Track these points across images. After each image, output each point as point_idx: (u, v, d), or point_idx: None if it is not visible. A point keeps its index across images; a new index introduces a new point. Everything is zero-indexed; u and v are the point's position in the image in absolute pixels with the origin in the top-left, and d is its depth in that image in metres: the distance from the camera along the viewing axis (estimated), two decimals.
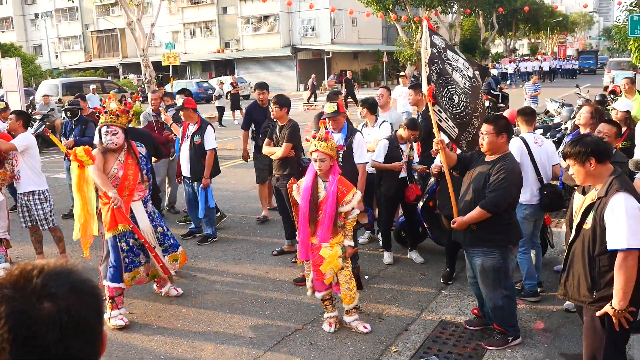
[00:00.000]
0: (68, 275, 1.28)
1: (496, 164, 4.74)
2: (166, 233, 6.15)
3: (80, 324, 1.24)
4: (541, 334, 5.23)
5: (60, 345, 1.21)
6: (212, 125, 8.18)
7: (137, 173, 5.85)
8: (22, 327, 1.19)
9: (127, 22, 24.71)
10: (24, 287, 1.22)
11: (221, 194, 10.44)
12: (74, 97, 11.29)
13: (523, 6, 52.91)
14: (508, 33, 66.13)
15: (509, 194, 4.71)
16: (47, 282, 1.23)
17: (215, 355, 5.06)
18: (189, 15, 55.12)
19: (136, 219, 5.83)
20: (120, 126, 5.78)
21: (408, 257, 7.27)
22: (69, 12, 62.27)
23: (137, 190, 5.87)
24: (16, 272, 1.26)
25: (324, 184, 5.21)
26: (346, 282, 5.27)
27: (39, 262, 1.29)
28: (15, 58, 18.45)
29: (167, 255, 6.07)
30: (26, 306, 1.20)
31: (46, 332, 1.19)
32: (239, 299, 6.23)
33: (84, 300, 1.26)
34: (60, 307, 1.21)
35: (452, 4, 45.71)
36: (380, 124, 7.63)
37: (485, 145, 4.82)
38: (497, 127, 4.77)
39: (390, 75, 50.88)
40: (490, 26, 58.55)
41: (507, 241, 4.85)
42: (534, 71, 41.57)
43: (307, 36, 50.62)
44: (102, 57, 60.03)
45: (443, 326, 5.44)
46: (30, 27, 65.91)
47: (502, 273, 4.85)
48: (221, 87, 24.75)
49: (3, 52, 34.21)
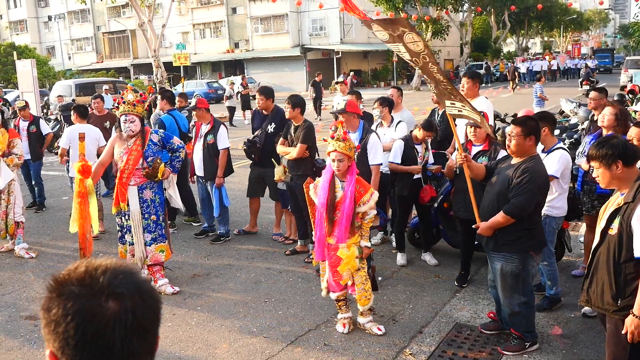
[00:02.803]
0: (132, 275, 1.28)
1: (521, 167, 4.60)
2: (159, 223, 6.46)
3: (143, 324, 1.25)
4: (559, 340, 5.15)
5: (123, 345, 1.21)
6: (225, 125, 8.20)
7: (138, 159, 6.28)
8: (89, 325, 1.19)
9: (139, 24, 24.84)
10: (91, 285, 1.23)
11: (233, 193, 10.44)
12: (92, 97, 11.38)
13: (536, 4, 52.40)
14: (520, 31, 65.71)
15: (534, 197, 4.56)
16: (112, 282, 1.24)
17: (230, 354, 5.05)
18: (199, 16, 55.26)
19: (129, 202, 6.33)
20: (137, 115, 6.28)
21: (422, 259, 7.22)
22: (81, 14, 62.78)
23: (135, 176, 6.30)
24: (81, 268, 1.27)
25: (341, 184, 5.18)
26: (362, 283, 5.24)
27: (102, 261, 1.29)
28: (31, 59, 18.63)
29: (153, 245, 6.41)
30: (93, 305, 1.20)
31: (112, 332, 1.20)
32: (252, 299, 6.23)
33: (146, 301, 1.27)
34: (126, 307, 1.22)
35: (463, 2, 45.57)
36: (396, 124, 7.59)
37: (512, 147, 4.67)
38: (526, 129, 4.62)
39: (400, 75, 50.76)
40: (502, 24, 58.22)
41: (528, 247, 4.71)
42: (542, 71, 41.23)
43: (317, 36, 50.61)
44: (113, 58, 60.40)
45: (458, 329, 5.38)
46: (43, 29, 66.54)
47: (521, 279, 4.74)
48: (232, 87, 24.82)
49: (18, 54, 34.42)
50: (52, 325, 1.22)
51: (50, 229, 9.18)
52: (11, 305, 6.22)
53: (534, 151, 4.74)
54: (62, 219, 9.52)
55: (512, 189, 4.58)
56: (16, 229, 7.80)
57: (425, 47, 5.18)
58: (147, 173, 6.30)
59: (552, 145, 5.57)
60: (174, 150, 6.55)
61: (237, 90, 25.48)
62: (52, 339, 1.22)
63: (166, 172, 6.44)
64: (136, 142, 6.33)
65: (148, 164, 6.32)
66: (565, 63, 51.32)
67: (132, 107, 6.28)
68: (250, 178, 8.34)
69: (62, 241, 8.51)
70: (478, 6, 48.44)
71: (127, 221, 6.41)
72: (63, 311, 1.20)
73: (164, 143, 6.51)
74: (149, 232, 6.39)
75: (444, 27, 42.77)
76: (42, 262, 7.58)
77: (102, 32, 61.42)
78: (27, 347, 5.27)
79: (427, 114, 8.85)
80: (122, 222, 6.46)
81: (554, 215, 5.51)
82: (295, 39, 50.74)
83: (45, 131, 10.58)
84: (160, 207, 6.49)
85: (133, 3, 24.42)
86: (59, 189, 12.07)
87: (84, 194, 6.15)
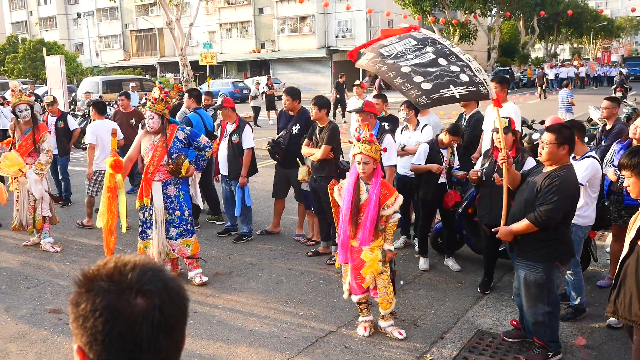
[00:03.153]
0: (160, 273, 1.29)
1: (551, 175, 4.50)
2: (184, 218, 6.55)
3: (170, 322, 1.25)
4: (583, 350, 5.07)
5: (150, 342, 1.22)
6: (250, 125, 8.23)
7: (162, 156, 6.39)
8: (117, 321, 1.20)
9: (167, 22, 25.04)
10: (119, 281, 1.23)
11: (257, 193, 10.48)
12: (118, 94, 11.52)
13: (566, 9, 51.80)
14: (549, 37, 65.01)
15: (561, 207, 4.44)
16: (141, 278, 1.24)
17: (250, 354, 5.06)
18: (226, 16, 55.57)
19: (153, 197, 6.45)
20: (156, 112, 6.38)
21: (444, 264, 7.17)
22: (109, 12, 63.61)
23: (160, 171, 6.42)
24: (110, 264, 1.27)
25: (366, 187, 5.16)
26: (384, 287, 5.22)
27: (131, 257, 1.30)
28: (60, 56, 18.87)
29: (180, 239, 6.52)
30: (122, 301, 1.21)
31: (139, 328, 1.20)
32: (273, 299, 6.24)
33: (174, 300, 1.27)
34: (154, 304, 1.22)
35: (492, 7, 45.18)
36: (422, 128, 7.55)
37: (544, 155, 4.57)
38: (560, 138, 4.50)
39: None
40: (531, 30, 57.66)
41: (553, 257, 4.62)
42: (569, 77, 40.66)
43: (343, 37, 50.58)
44: (140, 56, 61.04)
45: (480, 336, 5.33)
46: (72, 26, 67.53)
47: (545, 289, 4.65)
48: (257, 87, 24.91)
49: (47, 50, 34.93)
50: (81, 320, 1.22)
51: (75, 224, 9.28)
52: (36, 299, 6.31)
53: (567, 160, 4.63)
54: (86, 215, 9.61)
55: (540, 197, 4.49)
56: (43, 223, 7.91)
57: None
58: (171, 169, 6.38)
59: (583, 153, 5.49)
60: (200, 148, 6.61)
61: (262, 91, 25.57)
62: (80, 334, 1.23)
63: (190, 169, 6.51)
64: (161, 138, 6.44)
65: (172, 160, 6.39)
66: (595, 70, 50.54)
67: (152, 105, 6.39)
68: (275, 179, 8.37)
69: (86, 236, 8.61)
70: (507, 11, 47.99)
71: (150, 216, 6.52)
72: (92, 306, 1.21)
73: (190, 141, 6.56)
74: (175, 227, 6.49)
75: (472, 31, 42.49)
76: (66, 257, 7.68)
77: (129, 30, 62.11)
78: (50, 340, 5.33)
79: (453, 118, 8.80)
80: (145, 217, 6.57)
81: (581, 224, 5.43)
82: (322, 40, 50.78)
83: (73, 127, 10.71)
84: (185, 203, 6.56)
85: (161, 1, 24.65)
86: (85, 184, 12.17)
87: (113, 189, 6.23)
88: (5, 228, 8.94)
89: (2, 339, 5.37)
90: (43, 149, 7.79)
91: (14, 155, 7.70)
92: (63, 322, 5.69)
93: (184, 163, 6.40)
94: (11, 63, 47.75)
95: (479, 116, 7.87)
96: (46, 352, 5.12)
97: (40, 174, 7.73)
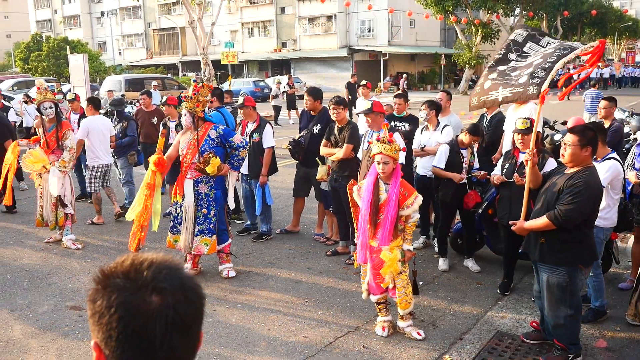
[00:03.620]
0: (177, 271, 1.29)
1: (574, 176, 4.47)
2: (209, 217, 6.63)
3: (185, 321, 1.26)
4: (603, 353, 5.02)
5: (164, 340, 1.22)
6: (270, 124, 8.26)
7: (194, 154, 6.50)
8: (131, 318, 1.21)
9: (189, 21, 25.20)
10: (135, 279, 1.24)
11: (277, 192, 10.50)
12: (140, 93, 11.60)
13: (590, 9, 51.13)
14: (573, 37, 64.24)
15: (582, 209, 4.41)
16: (157, 276, 1.25)
17: (268, 352, 5.08)
18: (248, 15, 55.78)
19: (185, 193, 6.62)
20: (187, 110, 6.53)
21: (464, 265, 7.13)
22: (132, 11, 64.23)
23: (192, 169, 6.54)
24: (127, 262, 1.28)
25: (385, 187, 5.17)
26: (403, 287, 5.21)
27: (149, 255, 1.31)
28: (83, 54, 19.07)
29: (199, 236, 6.62)
30: (136, 298, 1.22)
31: (153, 326, 1.21)
32: (292, 298, 6.26)
33: (190, 298, 1.28)
34: (168, 302, 1.23)
35: (515, 7, 44.74)
36: (442, 128, 7.52)
37: (567, 157, 4.54)
38: (584, 139, 4.47)
39: (448, 78, 50.23)
40: (554, 30, 57.04)
41: (576, 260, 4.59)
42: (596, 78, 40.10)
43: (364, 37, 50.51)
44: (162, 54, 61.50)
45: (499, 337, 5.30)
46: (95, 24, 68.28)
47: (568, 292, 4.61)
48: (278, 86, 24.95)
49: (70, 48, 35.33)
50: (97, 316, 1.24)
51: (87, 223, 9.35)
52: (57, 295, 6.39)
53: (590, 162, 4.59)
54: (108, 212, 9.72)
55: (562, 197, 4.46)
56: (65, 220, 8.02)
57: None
58: (198, 167, 6.47)
59: (604, 155, 5.44)
60: (234, 148, 6.63)
61: (283, 90, 25.62)
62: (97, 330, 1.24)
63: (224, 167, 6.57)
64: (194, 136, 6.55)
65: (202, 157, 6.50)
66: (620, 71, 49.79)
67: (184, 103, 6.56)
68: (296, 178, 8.41)
69: (107, 234, 8.71)
70: (530, 11, 47.51)
71: (181, 212, 6.67)
72: (107, 303, 1.22)
73: (222, 140, 6.60)
74: (198, 224, 6.61)
75: (494, 31, 42.13)
76: (87, 254, 7.76)
77: (152, 29, 62.62)
78: (71, 337, 5.39)
79: (473, 119, 8.74)
80: (177, 212, 6.74)
81: (602, 225, 5.38)
82: (343, 40, 50.75)
83: None
84: (214, 203, 6.63)
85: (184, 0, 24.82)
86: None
87: (153, 187, 6.35)
88: (28, 224, 9.07)
89: (23, 334, 5.45)
90: (66, 147, 7.89)
91: (39, 152, 7.83)
92: (84, 319, 5.76)
93: (212, 161, 6.43)
94: (35, 61, 48.36)
95: (501, 116, 7.82)
96: (67, 348, 5.19)
97: (63, 171, 7.82)
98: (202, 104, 6.57)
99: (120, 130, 9.98)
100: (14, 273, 7.07)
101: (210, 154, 6.46)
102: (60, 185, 7.81)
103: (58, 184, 7.77)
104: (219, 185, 6.67)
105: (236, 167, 6.77)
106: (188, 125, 6.57)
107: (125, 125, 9.97)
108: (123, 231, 8.68)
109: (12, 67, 59.90)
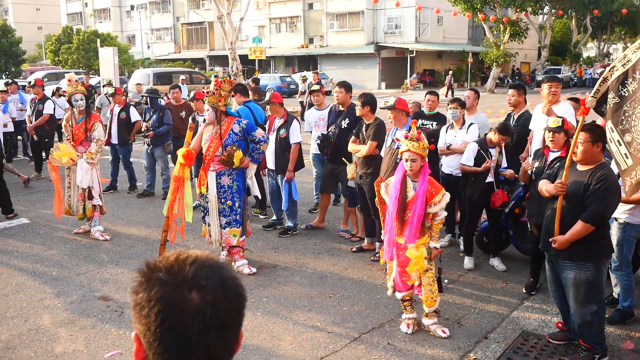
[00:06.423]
0: (219, 269, 1.30)
1: (596, 173, 4.54)
2: (235, 209, 6.78)
3: (223, 319, 1.26)
4: (630, 354, 4.97)
5: (200, 337, 1.23)
6: (298, 120, 8.30)
7: (217, 147, 6.63)
8: (170, 313, 1.22)
9: (217, 16, 25.37)
10: (177, 274, 1.26)
11: (303, 187, 10.54)
12: (170, 87, 11.72)
13: (620, 8, 50.25)
14: (602, 36, 63.28)
15: (613, 204, 4.57)
16: (198, 273, 1.26)
17: (294, 346, 5.12)
18: (275, 10, 55.91)
19: (208, 186, 6.76)
20: (210, 105, 6.65)
21: (490, 264, 7.10)
22: (161, 5, 64.83)
23: (214, 162, 6.67)
24: (172, 257, 1.30)
25: (413, 184, 5.17)
26: (429, 285, 5.21)
27: (193, 252, 1.32)
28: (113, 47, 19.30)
29: (227, 228, 6.78)
30: (176, 294, 1.23)
31: (191, 322, 1.22)
32: (317, 293, 6.29)
33: (229, 297, 1.28)
34: (207, 300, 1.24)
35: (544, 5, 44.18)
36: (468, 127, 7.48)
37: (580, 154, 4.64)
38: (594, 136, 4.59)
39: (475, 76, 49.81)
40: (584, 29, 56.23)
41: (601, 254, 4.66)
42: None
43: (391, 34, 50.33)
44: (190, 48, 61.94)
45: (525, 337, 5.27)
46: (125, 18, 69.01)
47: (595, 287, 4.63)
48: (304, 82, 24.95)
49: (100, 41, 35.77)
50: (138, 308, 1.26)
51: (125, 214, 9.53)
52: (85, 285, 6.50)
53: (602, 158, 4.69)
54: (136, 204, 9.87)
55: (590, 196, 4.50)
56: (93, 211, 8.15)
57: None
58: (222, 159, 6.58)
59: None
60: (256, 142, 6.75)
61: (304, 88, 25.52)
62: (137, 322, 1.27)
63: (244, 160, 6.65)
64: (217, 130, 6.65)
65: (225, 150, 6.60)
66: None
67: (207, 98, 6.68)
68: (323, 174, 8.42)
69: (135, 225, 8.84)
70: (559, 9, 46.90)
71: (206, 204, 6.84)
72: (148, 296, 1.24)
73: (245, 134, 6.69)
74: (224, 216, 6.75)
75: (523, 29, 41.65)
76: (115, 246, 7.88)
77: (180, 23, 63.11)
78: (99, 327, 5.49)
79: (500, 117, 8.67)
80: (204, 204, 6.91)
81: (634, 222, 5.33)
82: (370, 37, 50.63)
83: (135, 118, 10.90)
84: (237, 194, 6.75)
85: None
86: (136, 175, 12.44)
87: (181, 179, 6.48)
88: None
89: (52, 323, 5.56)
90: (94, 138, 8.01)
91: (66, 145, 7.97)
92: (111, 310, 5.86)
93: (235, 154, 6.55)
94: (65, 53, 49.00)
95: (528, 115, 7.75)
96: (95, 338, 5.28)
97: (91, 163, 7.95)
98: (224, 98, 6.69)
99: (157, 120, 10.09)
100: (43, 262, 7.22)
101: (233, 147, 6.57)
102: (89, 177, 7.93)
103: (86, 175, 7.89)
104: (240, 177, 6.79)
105: (256, 160, 6.91)
106: (211, 119, 6.69)
107: (162, 114, 10.10)
108: (151, 223, 8.84)
109: (43, 59, 60.82)
